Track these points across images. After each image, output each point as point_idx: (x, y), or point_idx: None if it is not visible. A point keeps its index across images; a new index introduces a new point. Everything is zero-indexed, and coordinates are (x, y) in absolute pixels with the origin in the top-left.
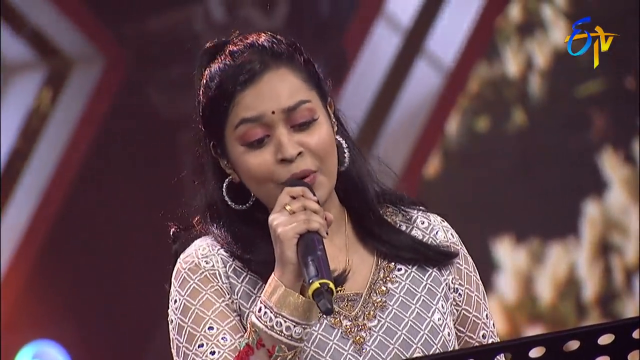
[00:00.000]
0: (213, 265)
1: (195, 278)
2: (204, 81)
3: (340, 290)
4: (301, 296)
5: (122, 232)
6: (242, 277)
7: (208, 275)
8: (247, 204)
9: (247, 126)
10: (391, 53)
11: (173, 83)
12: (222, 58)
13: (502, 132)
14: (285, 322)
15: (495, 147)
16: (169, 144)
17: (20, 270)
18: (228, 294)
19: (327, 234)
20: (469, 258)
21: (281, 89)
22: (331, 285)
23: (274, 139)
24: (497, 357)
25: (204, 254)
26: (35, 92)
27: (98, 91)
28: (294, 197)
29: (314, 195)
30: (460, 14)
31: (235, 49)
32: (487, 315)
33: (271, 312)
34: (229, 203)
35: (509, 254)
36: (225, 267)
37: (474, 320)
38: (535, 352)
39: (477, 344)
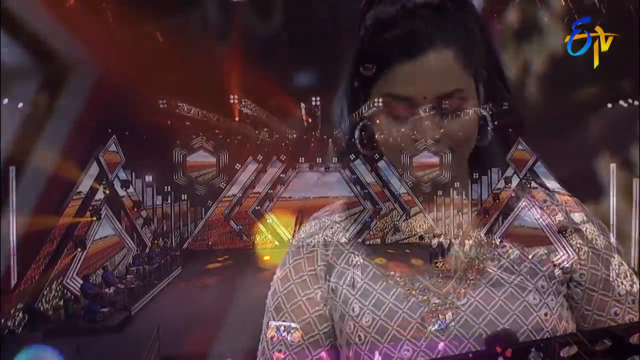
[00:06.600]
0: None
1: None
2: (367, 22)
3: (441, 263)
4: None
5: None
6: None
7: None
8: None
9: (395, 101)
10: None
11: (172, 89)
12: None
13: None
14: None
15: None
16: (166, 150)
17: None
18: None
19: None
20: (599, 234)
21: (439, 74)
22: None
23: (417, 117)
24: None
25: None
26: (32, 97)
27: (94, 96)
28: None
29: None
30: None
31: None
32: (619, 293)
33: None
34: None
35: None
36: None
37: (600, 299)
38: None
39: (609, 321)
